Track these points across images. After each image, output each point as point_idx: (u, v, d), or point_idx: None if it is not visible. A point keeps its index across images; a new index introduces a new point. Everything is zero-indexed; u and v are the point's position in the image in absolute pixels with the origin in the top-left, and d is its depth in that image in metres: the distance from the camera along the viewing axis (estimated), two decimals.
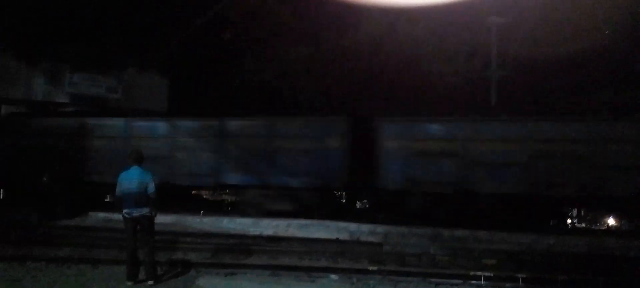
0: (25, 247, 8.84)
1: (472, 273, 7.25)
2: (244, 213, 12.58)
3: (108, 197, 14.07)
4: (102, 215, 12.42)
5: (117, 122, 14.03)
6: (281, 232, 11.01)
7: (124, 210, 6.74)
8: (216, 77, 20.19)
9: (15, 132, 14.87)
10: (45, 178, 12.52)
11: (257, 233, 10.80)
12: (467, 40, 17.25)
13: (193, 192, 15.80)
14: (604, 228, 12.88)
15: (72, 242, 9.39)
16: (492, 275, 7.16)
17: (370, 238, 10.38)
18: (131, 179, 6.75)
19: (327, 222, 11.48)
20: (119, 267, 7.28)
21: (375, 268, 7.58)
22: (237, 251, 8.95)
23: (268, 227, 11.42)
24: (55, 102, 17.53)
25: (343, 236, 10.61)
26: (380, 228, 10.94)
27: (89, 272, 7.37)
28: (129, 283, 6.69)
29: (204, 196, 16.71)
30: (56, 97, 17.50)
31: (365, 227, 11.10)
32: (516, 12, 16.08)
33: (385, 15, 16.26)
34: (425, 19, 16.19)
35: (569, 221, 12.88)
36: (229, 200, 16.38)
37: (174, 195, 13.03)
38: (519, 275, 7.05)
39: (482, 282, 7.04)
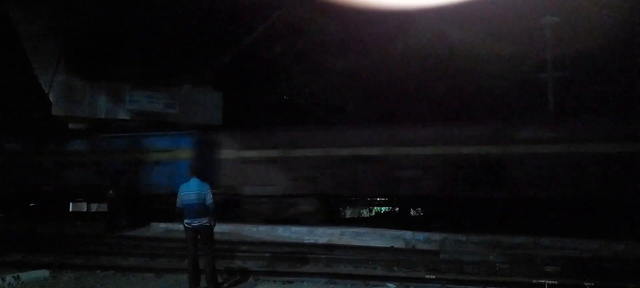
0: (94, 257, 9.31)
1: (534, 281, 7.00)
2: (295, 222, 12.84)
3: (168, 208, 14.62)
4: (163, 225, 12.88)
5: (173, 137, 14.59)
6: (335, 240, 11.05)
7: (185, 221, 6.96)
8: (266, 90, 20.62)
9: (85, 150, 15.68)
10: (111, 192, 13.13)
11: (312, 241, 10.88)
12: (518, 42, 16.75)
13: None
14: None
15: (136, 252, 9.79)
16: (556, 283, 6.89)
17: (426, 246, 10.23)
18: (190, 191, 6.97)
19: (382, 230, 11.42)
20: (181, 275, 7.55)
21: (433, 276, 7.46)
22: (293, 259, 9.05)
23: (323, 235, 11.50)
24: (117, 119, 18.42)
25: (398, 244, 10.51)
26: (436, 236, 10.76)
27: (153, 281, 7.67)
28: None
29: None
30: (118, 114, 18.38)
31: (420, 235, 10.95)
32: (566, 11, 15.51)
33: (433, 21, 16.09)
34: (475, 23, 15.90)
35: None
36: None
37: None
38: (587, 284, 6.75)
39: None
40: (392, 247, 10.17)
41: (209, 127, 16.90)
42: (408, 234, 11.06)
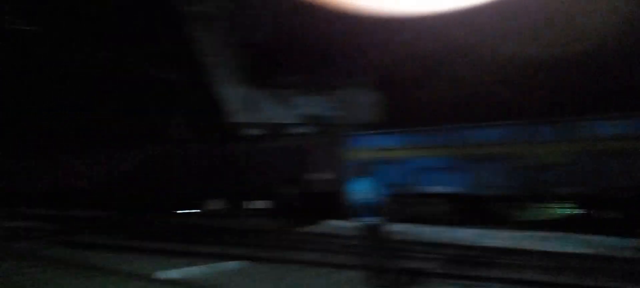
0: (281, 251, 10.07)
1: None
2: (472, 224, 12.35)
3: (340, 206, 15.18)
4: (334, 223, 13.42)
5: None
6: (516, 244, 10.33)
7: (359, 219, 7.04)
8: (426, 88, 20.23)
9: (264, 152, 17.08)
10: (288, 190, 14.14)
11: (491, 244, 10.33)
12: None
13: None
14: None
15: (314, 247, 10.34)
16: None
17: (626, 254, 9.01)
18: (362, 189, 7.06)
19: (572, 235, 10.38)
20: (356, 272, 7.69)
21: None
22: (470, 262, 8.69)
23: (501, 237, 10.87)
24: (287, 123, 19.90)
25: (591, 250, 9.42)
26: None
27: (333, 275, 8.01)
28: None
29: None
30: (287, 118, 19.91)
31: (615, 241, 9.69)
32: None
33: None
34: None
35: None
36: None
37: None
38: None
39: None
40: (585, 253, 9.16)
41: (371, 126, 17.17)
42: (603, 239, 9.86)
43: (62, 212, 20.30)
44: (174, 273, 7.49)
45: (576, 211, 12.33)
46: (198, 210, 19.49)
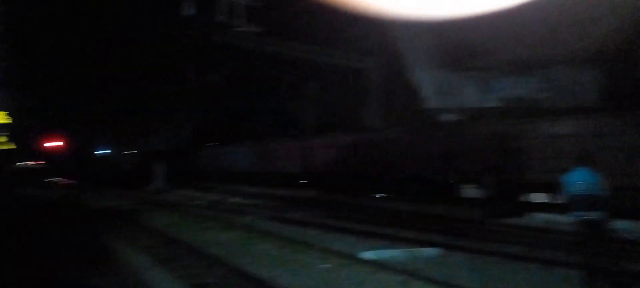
0: (477, 241, 9.64)
1: None
2: None
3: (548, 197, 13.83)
4: (543, 215, 12.30)
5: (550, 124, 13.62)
6: None
7: (574, 213, 6.38)
8: None
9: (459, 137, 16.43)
10: (489, 178, 13.37)
11: None
12: None
13: None
14: None
15: (518, 240, 9.63)
16: None
17: None
18: (578, 180, 6.35)
19: None
20: (570, 270, 6.99)
21: None
22: None
23: None
24: (485, 107, 18.78)
25: None
26: None
27: (539, 273, 7.35)
28: None
29: None
30: (486, 102, 18.78)
31: None
32: None
33: None
34: None
35: None
36: None
37: None
38: None
39: None
40: None
41: (589, 110, 15.11)
42: None
43: (274, 191, 22.75)
44: (373, 254, 7.76)
45: None
46: (403, 194, 19.75)
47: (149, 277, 6.61)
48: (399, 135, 18.68)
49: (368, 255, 7.76)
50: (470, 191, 15.84)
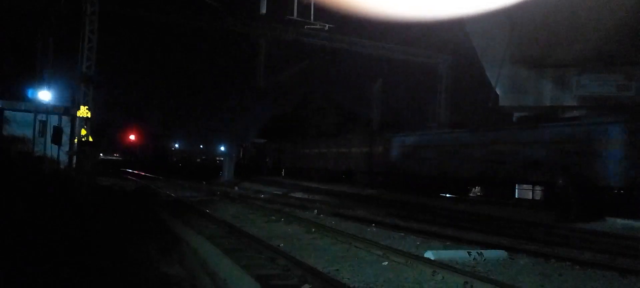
0: (547, 246, 9.20)
1: None
2: None
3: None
4: (620, 221, 11.53)
5: None
6: None
7: None
8: None
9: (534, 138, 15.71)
10: (560, 182, 12.73)
11: None
12: None
13: None
14: None
15: (591, 246, 9.09)
16: None
17: None
18: None
19: None
20: None
21: None
22: None
23: None
24: (563, 106, 17.80)
25: None
26: None
27: (617, 281, 6.89)
28: None
29: None
30: (564, 101, 17.79)
31: None
32: None
33: None
34: None
35: None
36: None
37: None
38: None
39: None
40: None
41: None
42: None
43: (334, 188, 22.87)
44: (436, 254, 7.62)
45: None
46: (467, 195, 19.34)
47: (214, 266, 6.87)
48: (463, 135, 18.19)
49: (430, 254, 7.61)
50: (543, 193, 15.21)
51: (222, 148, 65.05)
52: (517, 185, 17.40)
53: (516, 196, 17.77)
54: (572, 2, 15.14)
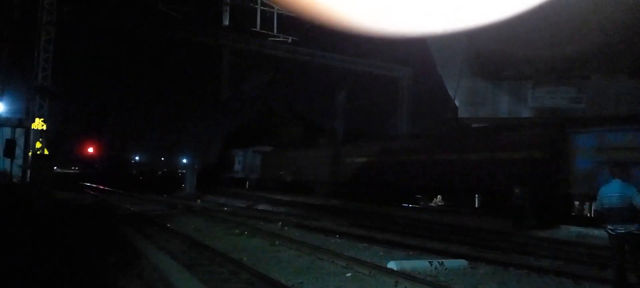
0: (504, 253, 9.45)
1: None
2: None
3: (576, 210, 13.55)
4: (574, 229, 11.97)
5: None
6: None
7: (608, 226, 6.26)
8: None
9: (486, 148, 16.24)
10: (517, 190, 13.14)
11: None
12: None
13: None
14: None
15: (547, 254, 9.40)
16: None
17: None
18: (612, 193, 6.22)
19: None
20: (603, 286, 6.87)
21: None
22: None
23: None
24: (519, 117, 18.42)
25: None
26: None
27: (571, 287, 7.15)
28: None
29: None
30: (519, 112, 18.41)
31: None
32: None
33: None
34: None
35: None
36: None
37: None
38: None
39: None
40: None
41: (623, 120, 14.67)
42: None
43: (298, 199, 22.83)
44: (399, 264, 7.69)
45: None
46: (422, 205, 19.68)
47: (175, 281, 6.73)
48: (425, 144, 18.58)
49: (393, 265, 7.69)
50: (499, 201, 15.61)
51: (184, 160, 64.03)
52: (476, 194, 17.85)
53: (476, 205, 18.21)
54: (528, 18, 15.73)
